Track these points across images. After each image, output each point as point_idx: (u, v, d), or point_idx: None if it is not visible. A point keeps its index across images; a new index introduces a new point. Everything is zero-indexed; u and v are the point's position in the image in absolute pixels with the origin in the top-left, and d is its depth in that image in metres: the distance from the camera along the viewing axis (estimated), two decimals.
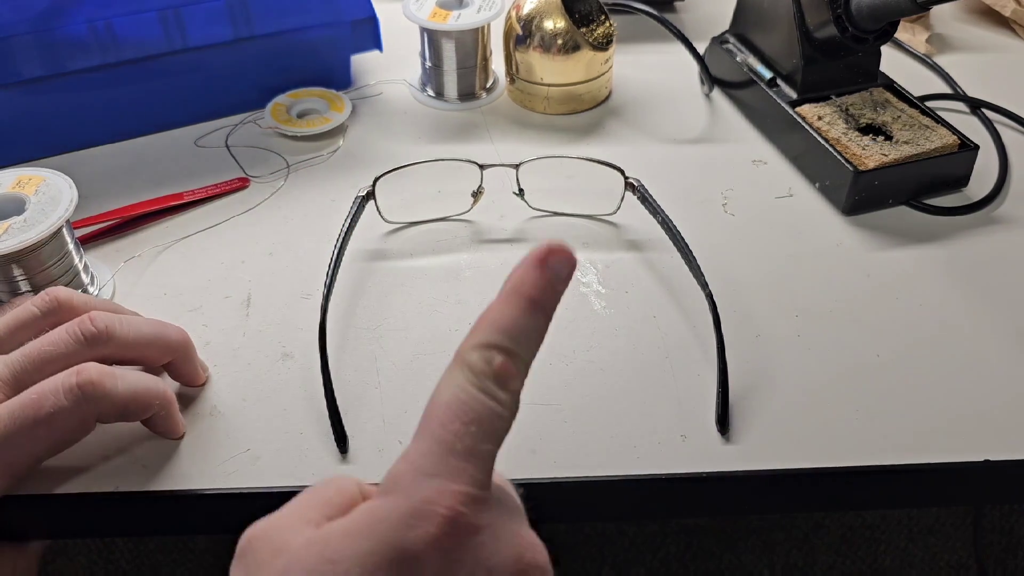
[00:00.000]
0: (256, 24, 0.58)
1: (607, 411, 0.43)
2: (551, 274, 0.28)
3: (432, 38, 0.63)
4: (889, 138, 0.55)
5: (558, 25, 0.61)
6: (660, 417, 0.43)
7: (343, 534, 0.26)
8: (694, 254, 0.48)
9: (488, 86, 0.66)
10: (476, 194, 0.53)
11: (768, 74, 0.61)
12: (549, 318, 0.29)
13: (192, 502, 0.40)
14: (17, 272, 0.44)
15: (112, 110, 0.59)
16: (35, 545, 0.43)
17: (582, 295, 0.49)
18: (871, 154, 0.53)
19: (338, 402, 0.42)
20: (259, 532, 0.27)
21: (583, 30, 0.62)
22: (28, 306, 0.40)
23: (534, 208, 0.55)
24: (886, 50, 0.61)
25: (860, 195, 0.54)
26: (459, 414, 0.27)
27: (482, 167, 0.52)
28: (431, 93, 0.66)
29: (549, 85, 0.62)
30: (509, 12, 0.63)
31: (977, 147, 0.55)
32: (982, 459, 0.41)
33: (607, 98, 0.66)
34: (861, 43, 0.56)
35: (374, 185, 0.52)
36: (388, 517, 0.26)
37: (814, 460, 0.41)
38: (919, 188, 0.55)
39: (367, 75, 0.68)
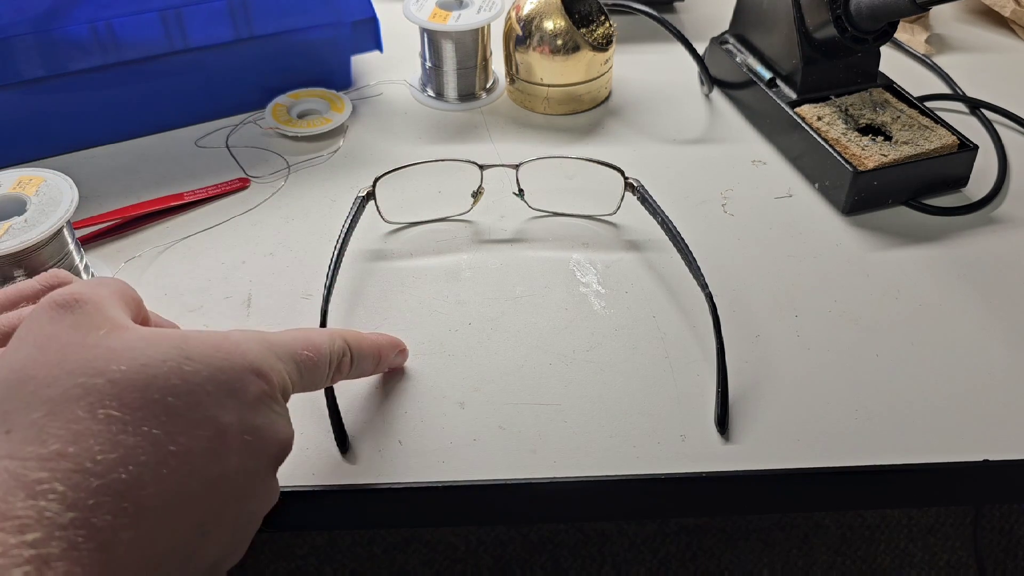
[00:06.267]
0: (256, 24, 0.59)
1: (607, 411, 0.43)
2: None
3: (432, 38, 0.63)
4: (888, 138, 0.55)
5: (558, 25, 0.61)
6: (659, 417, 0.43)
7: None
8: (694, 254, 0.48)
9: (488, 86, 0.66)
10: (476, 194, 0.54)
11: (768, 74, 0.61)
12: None
13: None
14: (18, 273, 0.44)
15: (113, 110, 0.59)
16: None
17: (582, 295, 0.49)
18: (870, 154, 0.53)
19: (338, 402, 0.42)
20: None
21: (583, 30, 0.62)
22: (31, 281, 0.39)
23: (534, 208, 0.55)
24: (885, 50, 0.61)
25: (859, 195, 0.54)
26: None
27: (482, 167, 0.53)
28: (431, 93, 0.66)
29: (549, 85, 0.63)
30: (509, 13, 0.63)
31: (976, 147, 0.55)
32: (981, 459, 0.41)
33: (607, 98, 0.66)
34: (860, 43, 0.56)
35: (374, 185, 0.52)
36: None
37: (814, 460, 0.41)
38: (919, 188, 0.55)
39: (367, 75, 0.68)
